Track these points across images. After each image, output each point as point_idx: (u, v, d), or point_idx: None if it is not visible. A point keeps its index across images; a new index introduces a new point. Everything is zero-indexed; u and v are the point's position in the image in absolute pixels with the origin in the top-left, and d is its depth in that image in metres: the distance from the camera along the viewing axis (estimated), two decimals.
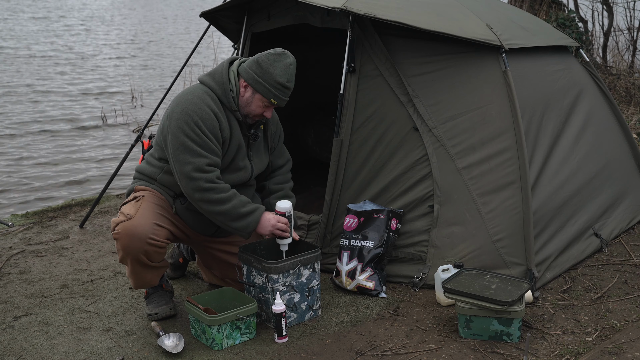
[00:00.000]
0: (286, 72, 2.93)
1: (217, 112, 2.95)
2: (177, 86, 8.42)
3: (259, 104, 2.99)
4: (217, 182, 2.92)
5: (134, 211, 2.95)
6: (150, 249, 2.93)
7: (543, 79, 3.76)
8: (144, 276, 3.05)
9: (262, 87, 2.94)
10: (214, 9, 4.11)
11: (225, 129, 2.98)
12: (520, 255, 3.23)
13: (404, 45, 3.47)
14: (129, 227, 2.90)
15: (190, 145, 2.88)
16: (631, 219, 4.04)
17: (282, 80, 2.93)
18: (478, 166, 3.34)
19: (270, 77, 2.93)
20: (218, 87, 2.99)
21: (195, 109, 2.91)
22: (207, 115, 2.91)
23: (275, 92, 2.95)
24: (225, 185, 2.95)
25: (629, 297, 3.23)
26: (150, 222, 2.93)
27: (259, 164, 3.21)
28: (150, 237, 2.91)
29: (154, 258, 2.99)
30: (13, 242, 4.33)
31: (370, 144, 3.49)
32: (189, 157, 2.88)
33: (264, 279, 2.99)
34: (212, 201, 2.91)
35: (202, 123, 2.89)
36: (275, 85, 2.93)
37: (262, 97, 2.97)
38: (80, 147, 7.70)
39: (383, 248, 3.31)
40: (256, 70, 2.95)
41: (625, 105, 7.14)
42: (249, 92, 2.98)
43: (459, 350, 2.80)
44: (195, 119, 2.89)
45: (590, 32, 8.61)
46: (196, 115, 2.89)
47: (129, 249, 2.92)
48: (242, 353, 2.84)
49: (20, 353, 2.91)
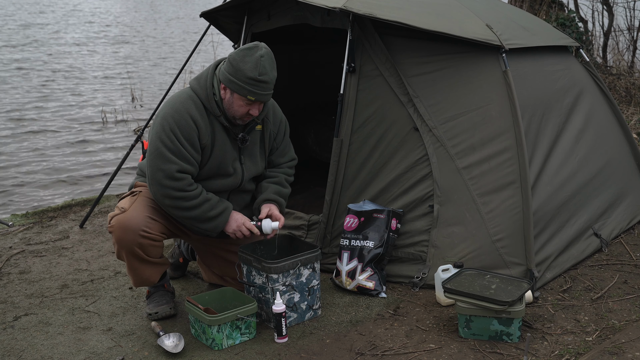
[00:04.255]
0: (257, 65, 2.83)
1: (196, 118, 2.92)
2: (177, 86, 8.42)
3: (239, 104, 2.92)
4: (187, 189, 2.91)
5: (129, 205, 3.00)
6: (144, 241, 2.95)
7: (543, 78, 3.76)
8: (142, 272, 3.06)
9: (236, 86, 2.87)
10: (214, 9, 4.11)
11: (205, 136, 2.95)
12: (520, 255, 3.23)
13: (404, 45, 3.47)
14: (122, 219, 2.95)
15: (163, 151, 2.88)
16: (631, 219, 4.03)
17: (254, 75, 2.83)
18: (478, 166, 3.34)
19: (241, 73, 2.84)
20: (202, 92, 2.96)
21: (174, 114, 2.90)
22: (184, 122, 2.89)
23: (250, 88, 2.85)
24: (195, 192, 2.93)
25: (629, 297, 3.23)
26: (144, 215, 2.97)
27: (252, 168, 3.16)
28: (143, 229, 2.94)
29: (150, 252, 3.00)
30: (13, 242, 4.33)
31: (370, 144, 3.49)
32: (161, 163, 2.88)
33: (264, 279, 2.99)
34: (181, 208, 2.92)
35: (177, 129, 2.88)
36: (247, 81, 2.84)
37: (239, 95, 2.90)
38: (80, 147, 7.70)
39: (383, 248, 3.31)
40: (229, 69, 2.89)
41: (625, 105, 7.14)
42: (228, 94, 2.93)
43: (459, 350, 2.80)
44: (172, 125, 2.88)
45: (590, 32, 8.60)
46: (174, 121, 2.89)
47: (122, 242, 2.96)
48: (242, 353, 2.84)
49: (20, 353, 2.91)
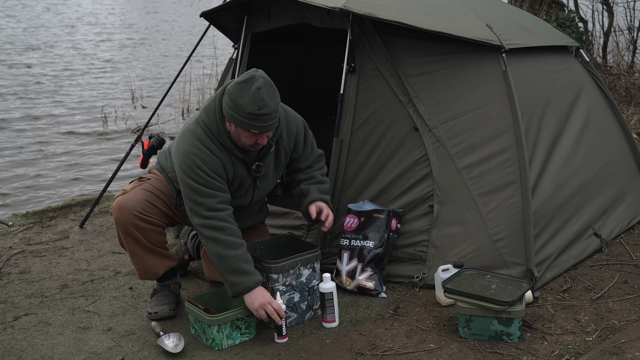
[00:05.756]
0: (254, 100, 2.76)
1: (217, 153, 2.92)
2: (177, 86, 8.44)
3: (246, 135, 2.88)
4: (230, 221, 2.89)
5: (131, 188, 3.08)
6: (140, 223, 2.99)
7: (543, 78, 3.76)
8: (144, 259, 3.09)
9: (238, 121, 2.82)
10: (214, 8, 4.11)
11: (229, 170, 2.96)
12: (520, 255, 3.23)
13: (404, 45, 3.47)
14: (121, 200, 3.03)
15: (197, 187, 2.87)
16: (631, 219, 4.03)
17: (252, 110, 2.76)
18: (478, 166, 3.34)
19: (241, 109, 2.78)
20: (213, 126, 2.93)
21: (196, 152, 2.89)
22: (208, 158, 2.89)
23: (251, 123, 2.80)
24: (238, 231, 2.90)
25: (629, 297, 3.23)
26: (141, 198, 3.03)
27: (264, 189, 3.20)
28: (138, 210, 2.99)
29: (150, 238, 3.04)
30: (13, 242, 4.33)
31: (370, 144, 3.49)
32: (199, 197, 2.87)
33: (264, 279, 2.99)
34: (220, 241, 2.85)
35: (204, 165, 2.87)
36: (247, 116, 2.79)
37: (242, 129, 2.85)
38: (80, 147, 7.70)
39: (383, 248, 3.31)
40: (229, 104, 2.83)
41: (625, 105, 7.13)
42: (233, 127, 2.90)
43: (459, 350, 2.80)
44: (197, 162, 2.87)
45: (590, 32, 8.60)
46: (197, 158, 2.88)
47: (119, 222, 3.02)
48: (242, 353, 2.84)
49: (20, 353, 2.92)
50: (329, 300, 2.98)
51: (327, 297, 2.98)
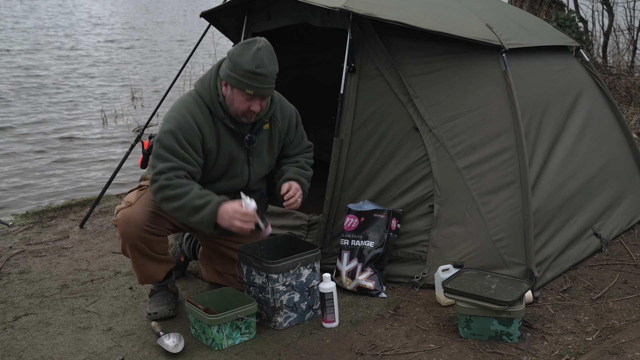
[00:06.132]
0: (254, 58, 2.79)
1: (200, 123, 2.92)
2: (177, 86, 8.43)
3: (239, 99, 2.90)
4: (174, 179, 2.85)
5: (135, 199, 3.01)
6: (147, 236, 2.97)
7: (543, 78, 3.76)
8: (146, 267, 3.07)
9: (234, 80, 2.84)
10: (214, 9, 4.11)
11: (210, 140, 2.95)
12: (520, 255, 3.23)
13: (404, 45, 3.47)
14: (127, 213, 2.97)
15: (160, 152, 2.88)
16: (631, 218, 4.03)
17: (251, 67, 2.79)
18: (478, 166, 3.34)
19: (239, 67, 2.82)
20: (206, 95, 2.96)
21: (178, 117, 2.91)
22: (187, 125, 2.89)
23: (247, 82, 2.82)
24: (183, 181, 2.87)
25: (629, 297, 3.23)
26: (148, 210, 2.98)
27: (259, 169, 3.16)
28: (147, 224, 2.95)
29: (155, 248, 3.02)
30: (13, 242, 4.33)
31: (370, 144, 3.49)
32: (158, 162, 2.88)
33: (264, 279, 2.99)
34: (169, 198, 2.85)
35: (179, 131, 2.88)
36: (244, 74, 2.81)
37: (238, 90, 2.88)
38: (80, 147, 7.70)
39: (383, 248, 3.31)
40: (228, 64, 2.88)
41: (625, 105, 7.14)
42: (228, 90, 2.92)
43: (459, 350, 2.80)
44: (173, 127, 2.88)
45: (590, 32, 8.60)
46: (176, 123, 2.89)
47: (126, 236, 2.97)
48: (242, 353, 2.84)
49: (20, 353, 2.92)
50: (329, 300, 2.98)
51: (327, 297, 2.98)
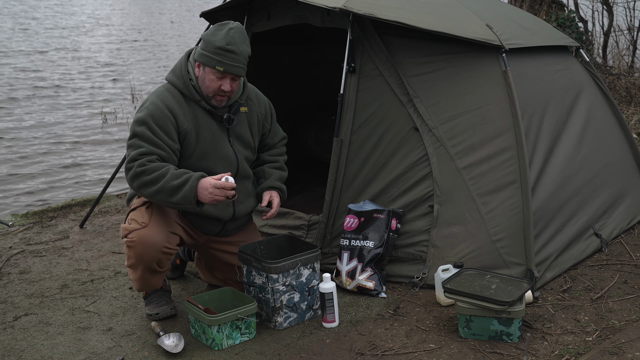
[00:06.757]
0: (226, 36, 2.89)
1: (172, 107, 2.94)
2: None
3: (210, 77, 2.94)
4: (147, 164, 2.83)
5: (147, 219, 2.94)
6: (163, 257, 2.95)
7: (543, 78, 3.76)
8: (150, 281, 3.06)
9: (206, 58, 2.92)
10: (214, 9, 4.11)
11: (185, 121, 2.96)
12: (520, 255, 3.23)
13: (404, 45, 3.47)
14: (145, 235, 2.89)
15: (133, 141, 2.89)
16: (631, 219, 4.03)
17: (221, 44, 2.88)
18: (478, 166, 3.34)
19: (210, 45, 2.91)
20: (179, 81, 3.00)
21: (149, 106, 2.93)
22: (158, 111, 2.91)
23: (218, 58, 2.89)
24: (157, 164, 2.84)
25: (629, 297, 3.23)
26: (165, 231, 2.94)
27: (243, 151, 3.16)
28: (166, 245, 2.92)
29: (164, 264, 3.01)
30: (13, 242, 4.33)
31: (370, 144, 3.49)
32: (131, 150, 2.89)
33: (264, 279, 2.99)
34: (146, 183, 2.82)
35: (150, 119, 2.89)
36: (214, 51, 2.89)
37: (209, 68, 2.93)
38: (80, 147, 7.70)
39: (383, 248, 3.31)
40: (201, 45, 2.97)
41: (625, 105, 7.14)
42: (201, 70, 2.98)
43: (459, 350, 2.80)
44: (144, 116, 2.90)
45: (590, 32, 8.60)
46: (147, 112, 2.91)
47: (142, 257, 2.91)
48: (242, 353, 2.84)
49: (20, 353, 2.92)
50: (329, 300, 2.98)
51: (327, 297, 2.98)
